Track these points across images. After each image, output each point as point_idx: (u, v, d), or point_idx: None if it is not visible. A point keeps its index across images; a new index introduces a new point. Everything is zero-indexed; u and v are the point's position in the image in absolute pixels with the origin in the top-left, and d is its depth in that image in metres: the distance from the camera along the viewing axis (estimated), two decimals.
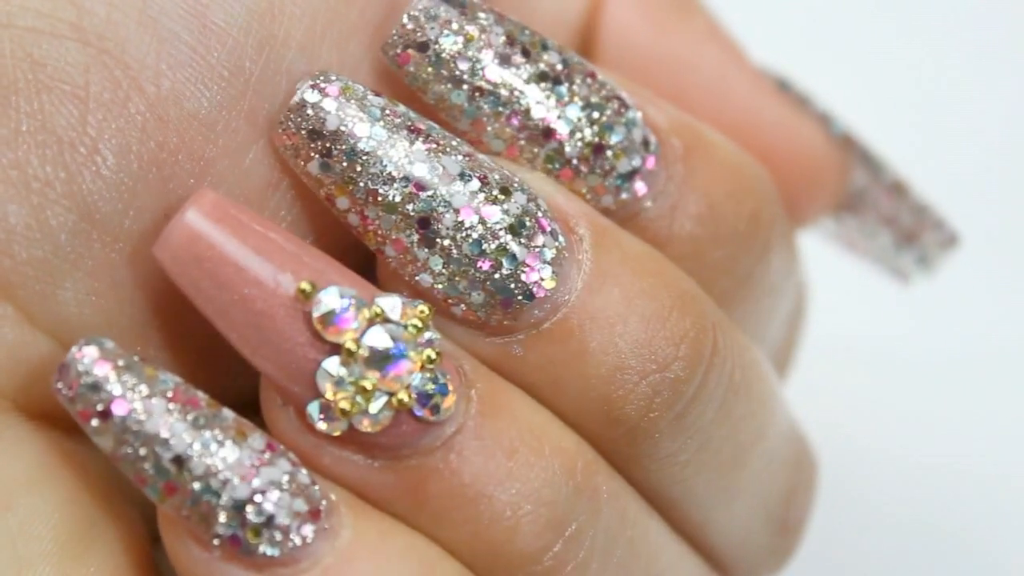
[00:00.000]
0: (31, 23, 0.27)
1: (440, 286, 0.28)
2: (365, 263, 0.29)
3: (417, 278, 0.28)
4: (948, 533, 0.41)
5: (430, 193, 0.28)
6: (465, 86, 0.29)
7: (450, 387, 0.27)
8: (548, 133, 0.29)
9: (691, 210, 0.30)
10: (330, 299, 0.27)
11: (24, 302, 0.28)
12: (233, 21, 0.28)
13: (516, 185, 0.28)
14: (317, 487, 0.27)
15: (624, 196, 0.30)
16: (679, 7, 0.33)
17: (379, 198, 0.28)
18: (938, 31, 0.54)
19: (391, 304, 0.27)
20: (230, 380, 0.29)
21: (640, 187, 0.30)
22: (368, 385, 0.27)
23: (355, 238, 0.29)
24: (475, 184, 0.28)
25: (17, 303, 0.28)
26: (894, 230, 0.36)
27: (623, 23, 0.33)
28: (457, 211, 0.28)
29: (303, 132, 0.28)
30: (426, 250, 0.28)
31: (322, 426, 0.27)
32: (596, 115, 0.29)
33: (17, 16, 0.27)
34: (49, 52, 0.27)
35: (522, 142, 0.29)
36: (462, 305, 0.28)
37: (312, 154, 0.28)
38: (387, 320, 0.27)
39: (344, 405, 0.27)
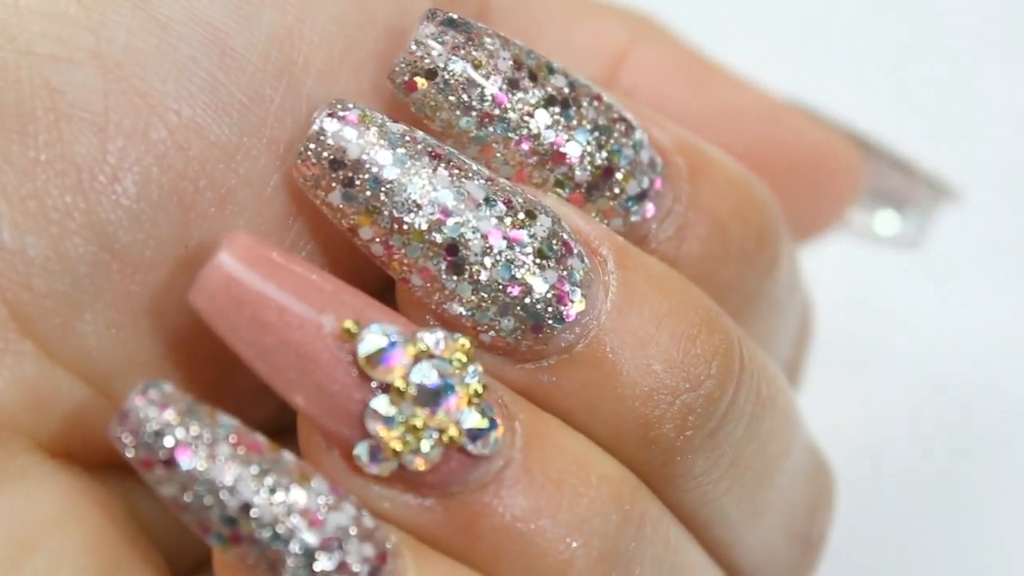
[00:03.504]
0: (49, 50, 0.26)
1: (469, 313, 0.27)
2: (378, 295, 0.28)
3: (444, 306, 0.28)
4: (957, 541, 0.42)
5: (457, 219, 0.27)
6: (474, 112, 0.28)
7: (498, 420, 0.27)
8: (558, 157, 0.29)
9: (699, 230, 0.30)
10: (375, 338, 0.26)
11: (43, 336, 0.27)
12: (252, 48, 0.27)
13: (540, 208, 0.28)
14: (380, 530, 0.27)
15: (634, 218, 0.29)
16: (701, 73, 0.34)
17: (405, 226, 0.27)
18: (935, 31, 0.55)
19: (434, 339, 0.27)
20: (246, 412, 0.28)
21: (649, 208, 0.29)
22: (418, 423, 0.26)
23: (369, 270, 0.28)
24: (500, 208, 0.28)
25: (36, 338, 0.27)
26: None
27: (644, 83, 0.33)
28: (485, 236, 0.27)
29: (324, 162, 0.27)
30: (455, 277, 0.27)
31: (371, 467, 0.26)
32: (604, 138, 0.29)
33: (35, 43, 0.26)
34: (68, 79, 0.26)
35: (531, 167, 0.29)
36: (491, 332, 0.28)
37: (334, 184, 0.27)
38: (431, 356, 0.27)
39: (395, 445, 0.26)
